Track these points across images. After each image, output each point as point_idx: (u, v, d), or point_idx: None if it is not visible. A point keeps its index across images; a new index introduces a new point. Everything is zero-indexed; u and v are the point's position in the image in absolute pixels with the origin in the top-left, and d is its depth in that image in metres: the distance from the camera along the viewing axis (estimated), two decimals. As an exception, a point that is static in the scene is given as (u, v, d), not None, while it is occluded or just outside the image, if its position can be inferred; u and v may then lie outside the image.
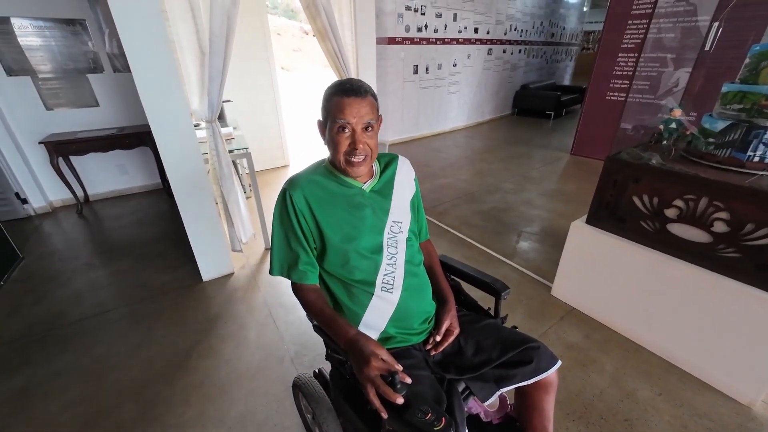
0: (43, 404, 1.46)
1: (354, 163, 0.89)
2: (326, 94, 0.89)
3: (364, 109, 0.85)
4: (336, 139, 0.87)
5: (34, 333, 1.84)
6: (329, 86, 0.90)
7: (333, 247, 0.91)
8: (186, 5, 1.67)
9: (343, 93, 0.85)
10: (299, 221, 0.90)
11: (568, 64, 9.58)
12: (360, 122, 0.85)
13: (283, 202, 0.91)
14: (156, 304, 2.06)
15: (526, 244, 2.62)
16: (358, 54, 2.42)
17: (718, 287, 1.37)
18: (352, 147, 0.87)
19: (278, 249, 0.94)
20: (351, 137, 0.86)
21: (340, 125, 0.85)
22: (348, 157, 0.88)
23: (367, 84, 0.89)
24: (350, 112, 0.84)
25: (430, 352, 0.95)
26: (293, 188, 0.90)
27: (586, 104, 4.35)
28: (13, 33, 2.83)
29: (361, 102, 0.85)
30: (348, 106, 0.84)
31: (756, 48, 1.28)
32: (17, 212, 3.14)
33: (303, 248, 0.91)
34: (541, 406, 0.94)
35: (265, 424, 1.37)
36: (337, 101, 0.85)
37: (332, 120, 0.86)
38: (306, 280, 0.92)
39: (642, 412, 1.38)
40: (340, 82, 0.88)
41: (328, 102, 0.87)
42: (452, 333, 0.96)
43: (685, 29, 3.04)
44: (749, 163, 1.29)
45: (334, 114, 0.85)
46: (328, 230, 0.90)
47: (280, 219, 0.92)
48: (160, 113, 1.78)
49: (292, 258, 0.92)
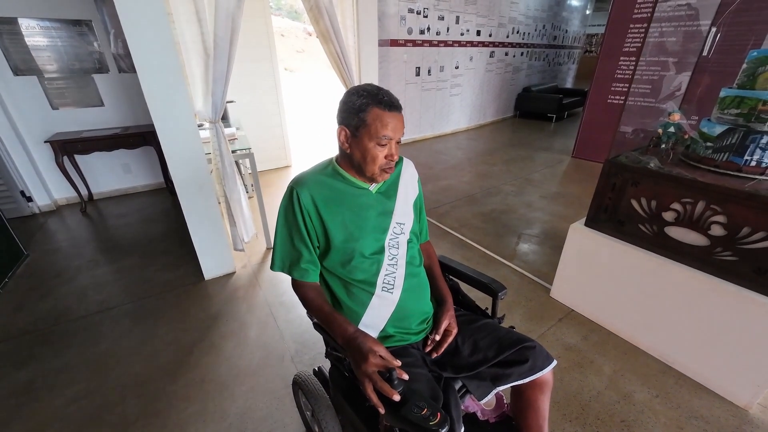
0: (49, 398, 1.49)
1: (387, 171, 0.91)
2: (359, 104, 0.85)
3: (401, 123, 0.88)
4: (374, 152, 0.87)
5: (39, 329, 1.87)
6: (359, 94, 0.86)
7: (336, 247, 0.93)
8: (191, 8, 1.70)
9: (385, 107, 0.84)
10: (304, 220, 0.91)
11: (571, 66, 9.59)
12: (397, 136, 0.88)
13: (289, 200, 0.92)
14: (159, 301, 2.08)
15: (526, 246, 2.63)
16: (360, 56, 2.44)
17: (715, 290, 1.38)
18: (389, 159, 0.89)
19: (281, 246, 0.95)
20: (388, 150, 0.88)
21: (382, 140, 0.86)
22: (383, 168, 0.90)
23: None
24: (393, 126, 0.86)
25: (431, 354, 0.97)
26: (300, 187, 0.91)
27: (588, 107, 4.36)
28: (21, 33, 2.87)
29: (400, 117, 0.88)
30: (392, 120, 0.85)
31: (754, 54, 1.29)
32: (22, 210, 3.18)
33: (306, 246, 0.93)
34: (537, 405, 0.95)
35: (265, 421, 1.39)
36: (380, 114, 0.84)
37: (373, 134, 0.85)
38: (307, 278, 0.94)
39: (639, 413, 1.39)
40: (374, 93, 0.85)
41: (363, 112, 0.84)
42: (451, 333, 0.98)
43: (687, 33, 3.05)
44: (746, 168, 1.30)
45: (377, 128, 0.84)
46: (333, 229, 0.92)
47: (285, 216, 0.94)
48: (165, 113, 1.81)
49: (294, 255, 0.94)
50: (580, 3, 8.53)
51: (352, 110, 0.86)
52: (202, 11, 1.71)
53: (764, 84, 1.25)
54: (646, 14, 3.54)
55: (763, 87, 1.25)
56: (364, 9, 2.34)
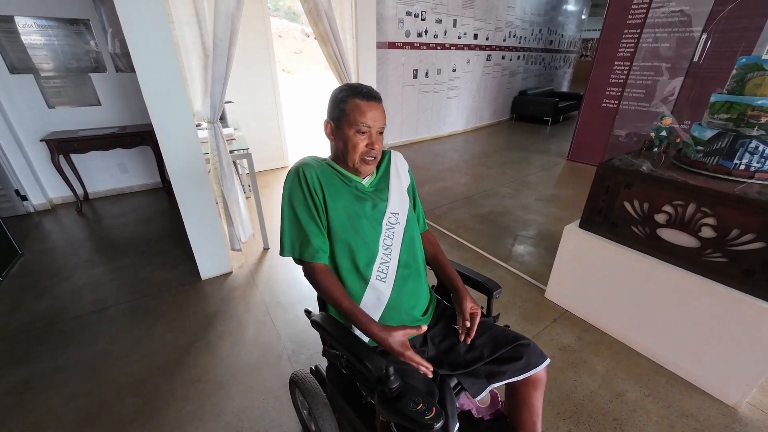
0: (45, 397, 1.49)
1: (368, 162, 0.95)
2: (341, 96, 0.92)
3: (380, 113, 0.93)
4: (354, 140, 0.92)
5: (35, 328, 1.86)
6: (341, 89, 0.94)
7: (334, 233, 0.94)
8: (191, 9, 1.71)
9: (363, 97, 0.91)
10: (312, 196, 0.91)
11: (567, 71, 9.68)
12: (376, 126, 0.93)
13: (295, 178, 0.92)
14: (155, 301, 2.08)
15: (522, 248, 2.65)
16: (358, 58, 2.46)
17: (706, 291, 1.41)
18: (369, 148, 0.93)
19: (289, 228, 0.93)
20: (368, 139, 0.93)
21: (360, 128, 0.91)
22: (364, 157, 0.94)
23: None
24: (371, 116, 0.91)
25: (465, 339, 0.97)
26: (306, 167, 0.93)
27: (583, 111, 4.41)
28: (17, 32, 2.86)
29: (378, 107, 0.93)
30: (369, 110, 0.91)
31: (742, 60, 1.32)
32: (17, 209, 3.16)
33: (316, 224, 0.92)
34: (530, 402, 0.97)
35: (262, 420, 1.40)
36: (358, 104, 0.90)
37: (352, 122, 0.91)
38: (318, 258, 0.92)
39: (631, 412, 1.42)
40: (355, 87, 0.93)
41: (344, 103, 0.91)
42: (477, 314, 0.98)
43: (680, 39, 3.10)
44: (736, 171, 1.33)
45: (355, 117, 0.90)
46: (333, 214, 0.93)
47: (290, 196, 0.93)
48: (164, 113, 1.82)
49: (303, 237, 0.92)
50: (576, 8, 8.62)
51: (335, 103, 0.93)
52: (202, 12, 1.72)
53: (753, 90, 1.28)
54: (641, 20, 3.59)
55: (751, 93, 1.28)
56: (363, 12, 2.36)
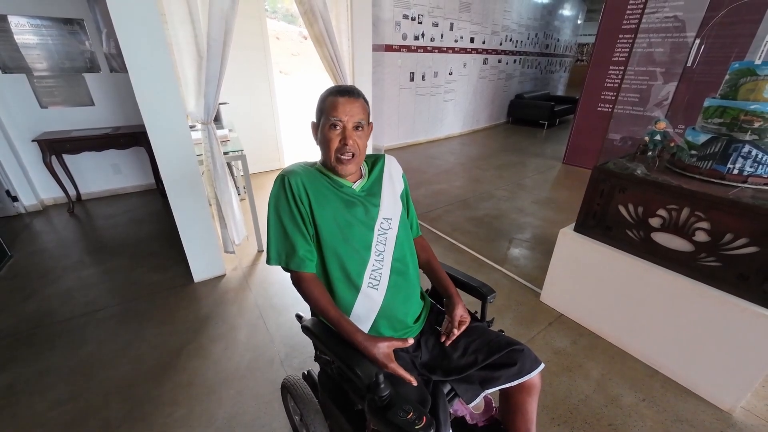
0: (30, 402, 1.45)
1: (343, 161, 0.93)
2: (321, 97, 0.95)
3: (355, 108, 0.91)
4: (328, 135, 0.91)
5: (21, 331, 1.82)
6: (325, 90, 0.96)
7: (324, 241, 0.92)
8: (185, 9, 1.69)
9: (337, 93, 0.91)
10: (298, 206, 0.90)
11: (562, 75, 9.76)
12: (351, 120, 0.91)
13: (281, 187, 0.91)
14: (146, 303, 2.05)
15: (517, 251, 2.65)
16: (354, 60, 2.46)
17: (700, 296, 1.41)
18: (342, 143, 0.91)
19: (275, 237, 0.93)
20: (342, 134, 0.91)
21: (332, 122, 0.90)
22: (338, 154, 0.92)
23: (360, 90, 0.94)
24: (343, 110, 0.90)
25: (445, 342, 0.98)
26: (291, 174, 0.91)
27: (578, 115, 4.43)
28: (10, 30, 2.83)
29: (353, 102, 0.91)
30: (341, 104, 0.90)
31: (735, 65, 1.33)
32: (7, 210, 3.11)
33: (301, 234, 0.91)
34: (524, 408, 0.96)
35: (253, 426, 1.37)
36: (332, 100, 0.91)
37: (325, 118, 0.91)
38: (305, 267, 0.91)
39: (626, 417, 1.41)
40: (335, 86, 0.95)
41: (323, 102, 0.93)
42: (465, 322, 0.99)
43: (674, 44, 3.13)
44: (729, 176, 1.33)
45: (328, 112, 0.91)
46: (321, 222, 0.91)
47: (276, 206, 0.92)
48: (156, 114, 1.79)
49: (289, 246, 0.91)
50: (572, 13, 8.70)
51: (318, 104, 0.95)
52: (196, 12, 1.71)
53: (746, 95, 1.29)
54: (635, 25, 3.62)
55: (744, 98, 1.29)
56: (359, 14, 2.35)
